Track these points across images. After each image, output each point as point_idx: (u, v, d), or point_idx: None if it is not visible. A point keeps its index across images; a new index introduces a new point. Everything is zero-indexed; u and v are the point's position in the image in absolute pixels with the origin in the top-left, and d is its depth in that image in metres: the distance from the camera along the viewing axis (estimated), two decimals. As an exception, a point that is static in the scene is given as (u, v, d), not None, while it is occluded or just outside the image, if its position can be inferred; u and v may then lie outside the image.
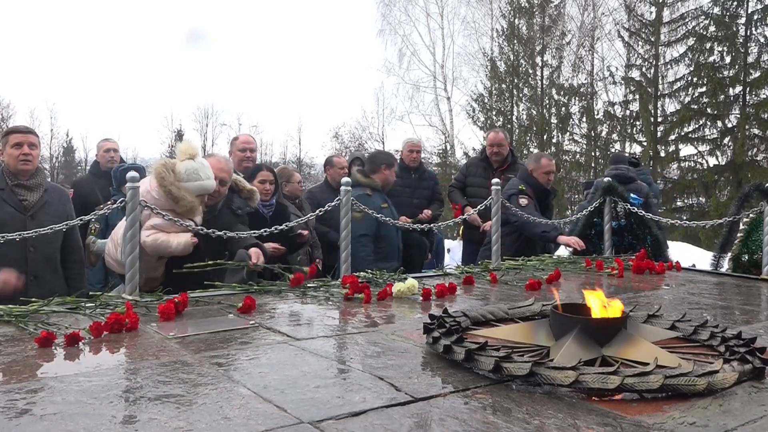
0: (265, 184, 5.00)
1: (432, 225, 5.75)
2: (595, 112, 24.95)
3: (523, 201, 5.45)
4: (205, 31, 60.64)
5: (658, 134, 22.93)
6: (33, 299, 3.11)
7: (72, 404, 1.81)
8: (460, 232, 6.97)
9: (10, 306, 2.98)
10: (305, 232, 4.85)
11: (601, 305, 2.40)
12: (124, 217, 3.64)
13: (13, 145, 3.80)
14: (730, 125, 21.67)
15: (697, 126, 22.29)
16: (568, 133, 25.26)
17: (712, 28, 21.69)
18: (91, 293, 3.35)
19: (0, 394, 1.88)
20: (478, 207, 5.18)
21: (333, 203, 4.33)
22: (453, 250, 9.69)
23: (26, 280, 3.74)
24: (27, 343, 2.49)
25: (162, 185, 3.73)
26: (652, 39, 23.35)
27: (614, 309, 2.38)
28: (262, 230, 4.06)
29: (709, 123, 22.09)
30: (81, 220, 3.72)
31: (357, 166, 7.40)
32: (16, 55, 50.04)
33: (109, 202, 4.82)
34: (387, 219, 4.63)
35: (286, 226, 4.29)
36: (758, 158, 21.07)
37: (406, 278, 3.81)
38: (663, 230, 6.37)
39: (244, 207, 4.28)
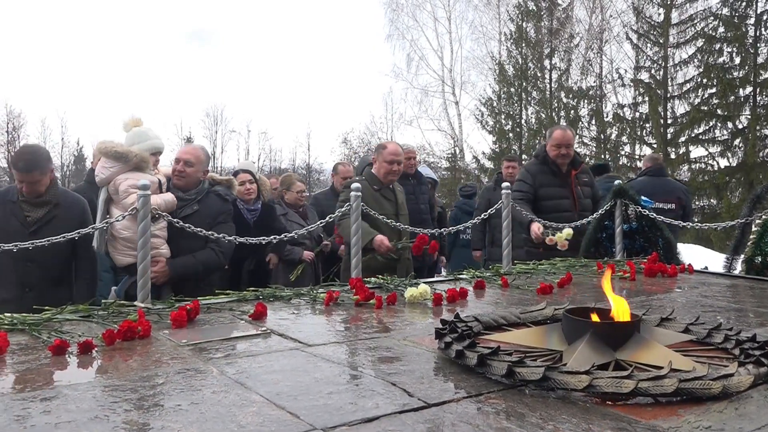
0: (245, 184, 5.03)
1: (442, 230, 5.74)
2: (605, 115, 24.91)
3: None
4: (213, 38, 60.95)
5: (668, 136, 22.85)
6: (46, 307, 3.13)
7: (86, 412, 1.81)
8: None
9: (24, 314, 3.00)
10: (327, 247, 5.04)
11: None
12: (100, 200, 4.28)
13: (18, 180, 3.87)
14: (740, 126, 21.57)
15: (707, 127, 22.20)
16: (577, 136, 25.22)
17: (721, 29, 21.62)
18: (103, 301, 3.37)
19: (15, 402, 1.89)
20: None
21: (343, 209, 4.34)
22: None
23: (21, 293, 3.80)
24: (41, 352, 2.50)
25: (106, 153, 4.24)
26: (661, 41, 23.30)
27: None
28: (272, 237, 4.23)
29: (719, 124, 21.99)
30: (93, 228, 3.74)
31: None
32: (27, 66, 50.49)
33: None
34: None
35: (290, 234, 4.44)
36: (770, 159, 20.96)
37: (418, 283, 3.81)
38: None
39: (229, 193, 4.63)
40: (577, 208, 5.63)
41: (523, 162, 8.75)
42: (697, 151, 22.64)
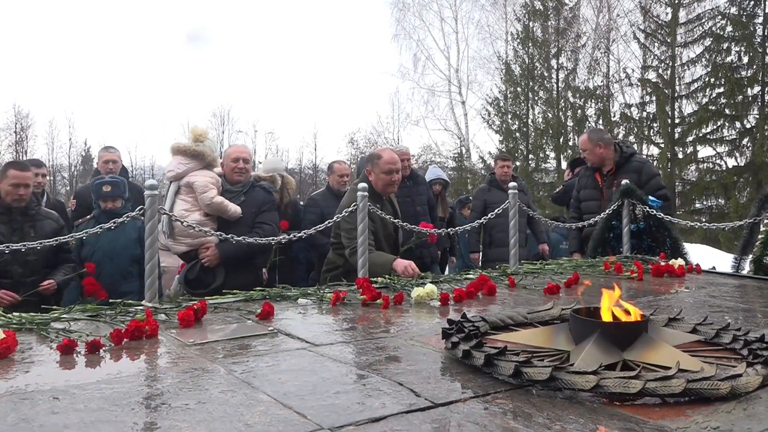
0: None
1: (448, 230, 5.73)
2: (612, 115, 24.80)
3: None
4: (217, 38, 61.04)
5: (676, 136, 22.76)
6: (54, 307, 3.14)
7: (94, 411, 1.82)
8: None
9: (32, 314, 3.01)
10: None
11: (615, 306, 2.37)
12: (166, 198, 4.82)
13: None
14: (748, 126, 21.46)
15: (715, 127, 22.10)
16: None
17: (729, 29, 21.53)
18: (111, 300, 3.37)
19: (23, 402, 1.90)
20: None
21: (351, 208, 4.33)
22: None
23: None
24: (49, 351, 2.51)
25: (184, 152, 4.81)
26: (669, 40, 23.21)
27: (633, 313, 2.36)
28: (293, 234, 4.57)
29: (727, 124, 21.89)
30: (75, 233, 3.79)
31: None
32: (35, 67, 50.74)
33: (87, 218, 5.01)
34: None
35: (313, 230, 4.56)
36: (778, 159, 20.83)
37: (424, 283, 3.81)
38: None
39: (272, 187, 5.32)
40: (603, 209, 5.64)
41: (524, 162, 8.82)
42: (704, 151, 22.55)
